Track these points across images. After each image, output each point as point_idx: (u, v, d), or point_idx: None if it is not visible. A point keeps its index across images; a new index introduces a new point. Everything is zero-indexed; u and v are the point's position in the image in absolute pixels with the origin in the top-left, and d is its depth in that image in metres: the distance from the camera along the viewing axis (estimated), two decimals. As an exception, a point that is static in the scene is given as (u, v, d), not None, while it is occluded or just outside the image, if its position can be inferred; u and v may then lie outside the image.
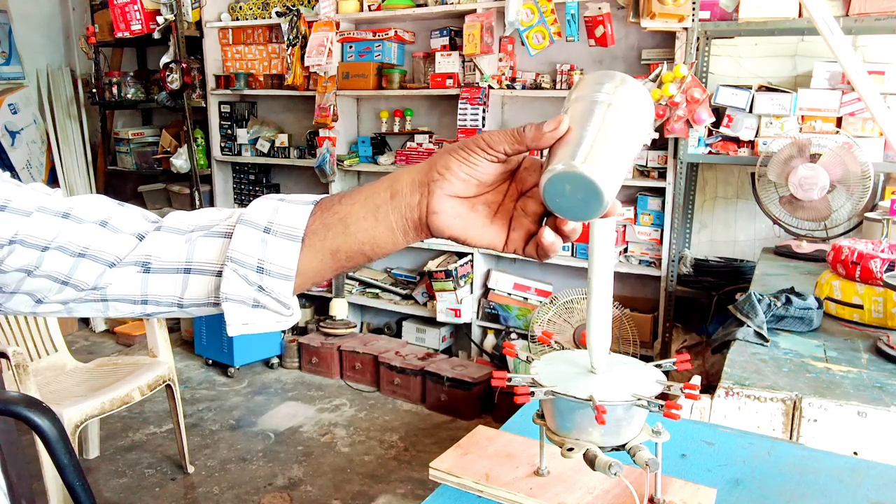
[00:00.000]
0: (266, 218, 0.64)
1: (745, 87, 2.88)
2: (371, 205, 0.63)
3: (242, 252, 0.64)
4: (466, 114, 3.54)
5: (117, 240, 0.68)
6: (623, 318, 3.03)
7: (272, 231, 0.64)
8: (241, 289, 0.64)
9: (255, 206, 0.65)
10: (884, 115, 2.19)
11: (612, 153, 0.57)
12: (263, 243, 0.64)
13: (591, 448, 0.82)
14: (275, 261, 0.63)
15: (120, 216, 0.69)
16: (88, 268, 0.67)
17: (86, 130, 4.85)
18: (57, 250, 0.66)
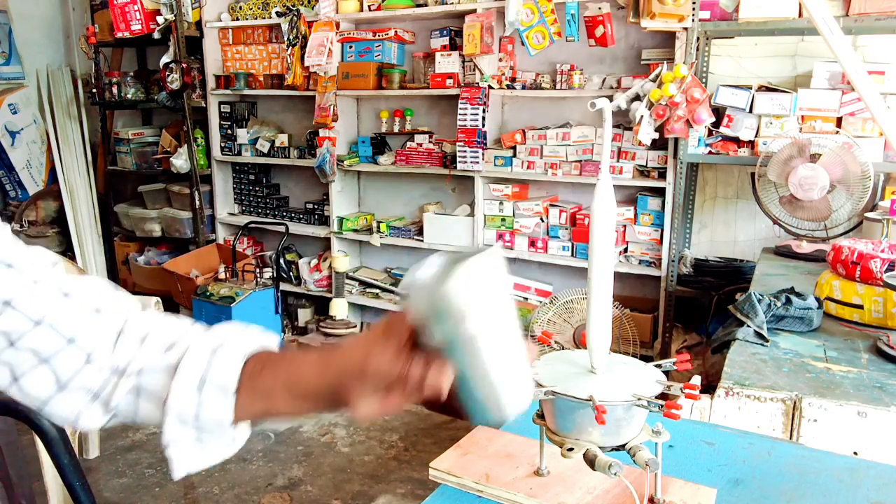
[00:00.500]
0: (192, 412, 0.68)
1: (745, 87, 2.88)
2: (294, 394, 0.67)
3: (179, 406, 0.68)
4: (466, 114, 3.54)
5: (103, 335, 0.71)
6: (623, 318, 3.03)
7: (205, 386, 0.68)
8: (181, 433, 0.69)
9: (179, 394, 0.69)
10: (884, 115, 2.19)
11: (502, 382, 0.57)
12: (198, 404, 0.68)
13: (591, 448, 0.82)
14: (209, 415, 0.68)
15: (110, 306, 0.73)
16: (73, 354, 0.70)
17: (86, 130, 4.84)
18: (50, 327, 0.69)
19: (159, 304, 2.76)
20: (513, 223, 3.63)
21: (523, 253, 3.62)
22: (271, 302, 3.94)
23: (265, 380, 0.67)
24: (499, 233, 3.68)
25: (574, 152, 3.42)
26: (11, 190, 4.81)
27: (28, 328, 0.68)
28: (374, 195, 4.32)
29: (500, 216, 3.66)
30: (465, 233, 3.74)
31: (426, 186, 4.10)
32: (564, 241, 3.53)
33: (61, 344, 0.69)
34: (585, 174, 3.38)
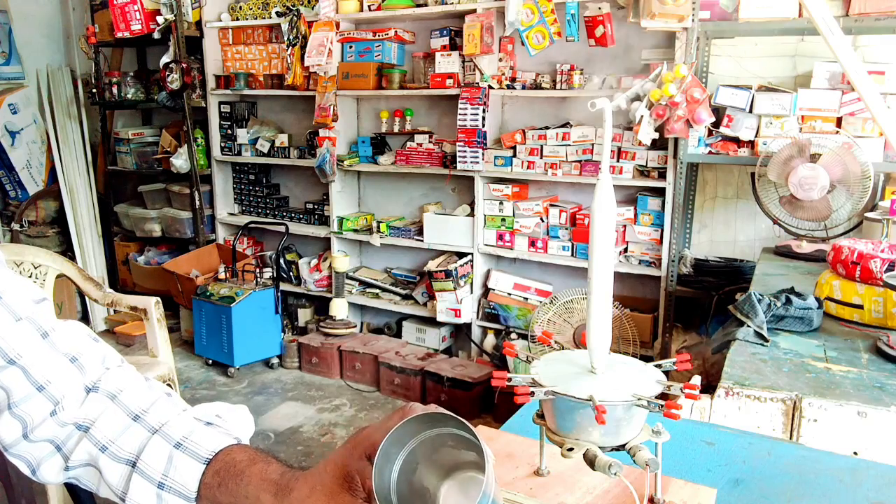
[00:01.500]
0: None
1: (745, 87, 2.88)
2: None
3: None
4: (466, 114, 3.54)
5: (74, 386, 0.71)
6: (623, 318, 3.03)
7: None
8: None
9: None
10: (884, 115, 2.19)
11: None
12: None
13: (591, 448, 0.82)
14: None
15: (88, 356, 0.73)
16: (40, 403, 0.70)
17: (86, 130, 4.84)
18: (22, 370, 0.69)
19: (159, 305, 2.76)
20: (513, 223, 3.63)
21: (523, 253, 3.62)
22: (271, 302, 3.94)
23: (223, 497, 0.66)
24: (499, 233, 3.68)
25: (574, 152, 3.42)
26: (11, 190, 4.81)
27: (1, 366, 0.68)
28: (374, 195, 4.32)
29: (500, 216, 3.66)
30: (465, 233, 3.75)
31: (426, 186, 4.10)
32: (564, 241, 3.53)
33: (30, 390, 0.69)
34: (585, 174, 3.38)
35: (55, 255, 2.76)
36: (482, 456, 0.57)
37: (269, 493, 0.64)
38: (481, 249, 3.73)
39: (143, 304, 2.75)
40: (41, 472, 0.72)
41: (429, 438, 0.62)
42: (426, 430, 0.62)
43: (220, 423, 0.72)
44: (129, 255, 4.88)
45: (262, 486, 0.64)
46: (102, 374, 0.74)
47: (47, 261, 2.70)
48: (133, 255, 4.86)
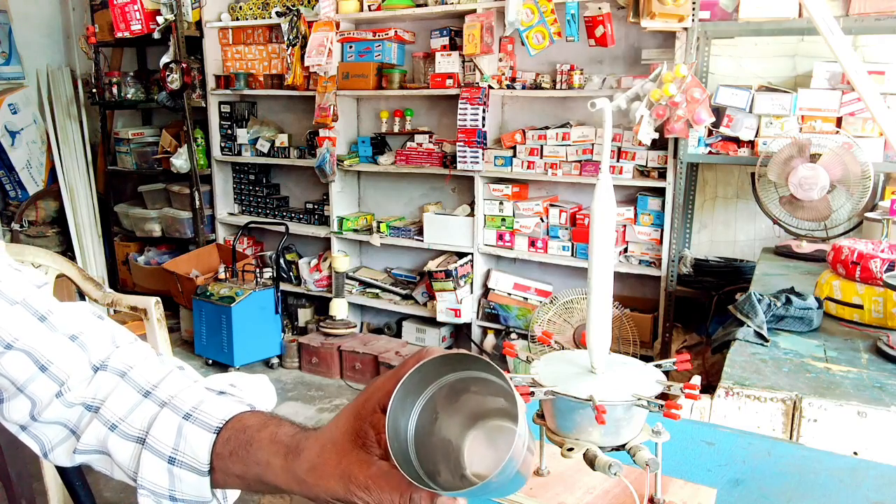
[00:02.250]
0: (166, 486, 0.65)
1: (745, 87, 2.88)
2: (267, 483, 0.62)
3: (153, 482, 0.65)
4: (466, 114, 3.54)
5: (78, 364, 0.69)
6: (623, 318, 3.03)
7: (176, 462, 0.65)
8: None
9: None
10: (884, 115, 2.19)
11: (517, 479, 0.54)
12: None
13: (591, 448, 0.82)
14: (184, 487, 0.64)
15: (91, 334, 0.71)
16: (45, 384, 0.68)
17: (86, 130, 4.84)
18: (23, 352, 0.67)
19: (159, 305, 2.76)
20: (513, 223, 3.63)
21: (523, 253, 3.62)
22: (271, 302, 3.94)
23: (236, 467, 0.63)
24: (499, 233, 3.68)
25: (574, 152, 3.42)
26: (11, 190, 4.81)
27: (30, 375, 0.67)
28: (374, 195, 4.32)
29: (500, 216, 3.66)
30: (465, 233, 3.74)
31: (426, 186, 4.10)
32: (564, 241, 3.53)
33: (33, 371, 0.67)
34: (585, 174, 3.38)
35: (55, 255, 2.76)
36: (512, 401, 0.50)
37: (279, 457, 0.60)
38: (481, 249, 3.73)
39: (143, 304, 2.75)
40: (53, 455, 0.70)
41: (449, 384, 0.56)
42: (446, 375, 0.56)
43: (233, 392, 0.69)
44: (129, 255, 4.88)
45: (272, 449, 0.61)
46: (112, 352, 0.72)
47: (47, 261, 2.69)
48: (133, 255, 4.86)
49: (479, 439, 0.58)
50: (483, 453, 0.57)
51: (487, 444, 0.57)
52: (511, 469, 0.50)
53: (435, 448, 0.56)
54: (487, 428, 0.58)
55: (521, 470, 0.53)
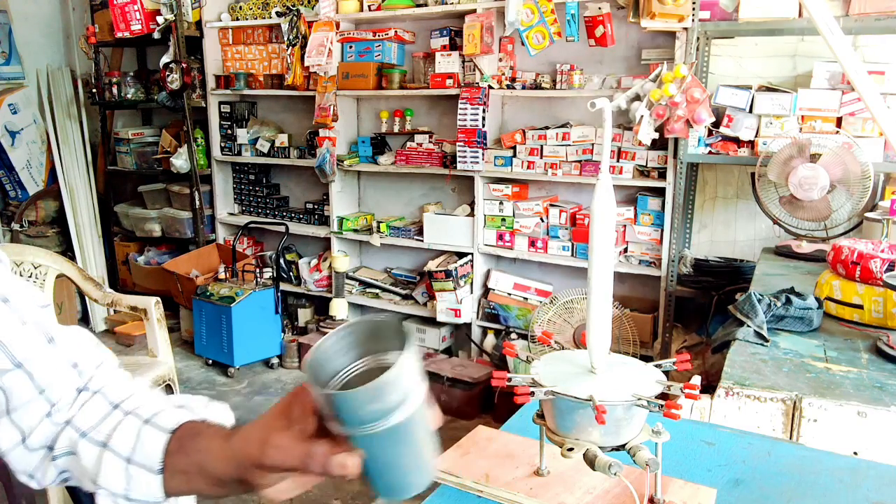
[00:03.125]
0: (122, 486, 0.68)
1: (745, 87, 2.88)
2: (208, 477, 0.66)
3: (111, 482, 0.68)
4: (466, 114, 3.54)
5: (70, 391, 0.73)
6: (623, 318, 3.03)
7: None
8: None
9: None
10: (884, 115, 2.18)
11: (409, 468, 0.60)
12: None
13: (591, 448, 0.82)
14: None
15: (87, 361, 0.74)
16: (38, 406, 0.72)
17: (86, 130, 4.84)
18: (26, 374, 0.70)
19: (159, 305, 2.76)
20: (513, 223, 3.63)
21: (523, 253, 3.62)
22: (271, 302, 3.94)
23: (181, 461, 0.67)
24: (499, 233, 3.68)
25: (574, 152, 3.42)
26: (11, 190, 4.81)
27: (8, 368, 0.69)
28: (374, 195, 4.32)
29: (500, 216, 3.66)
30: (465, 233, 3.75)
31: (426, 186, 4.10)
32: (564, 241, 3.53)
33: (32, 395, 0.71)
34: (585, 174, 3.38)
35: (55, 255, 2.76)
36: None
37: (219, 438, 0.66)
38: (481, 249, 3.73)
39: (143, 304, 2.75)
40: (38, 478, 0.74)
41: (373, 355, 0.62)
42: (374, 345, 0.62)
43: (192, 406, 0.73)
44: (129, 255, 4.88)
45: (214, 435, 0.67)
46: (94, 376, 0.75)
47: (47, 261, 2.70)
48: (133, 255, 4.86)
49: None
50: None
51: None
52: (388, 395, 0.55)
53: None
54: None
55: (411, 425, 0.57)
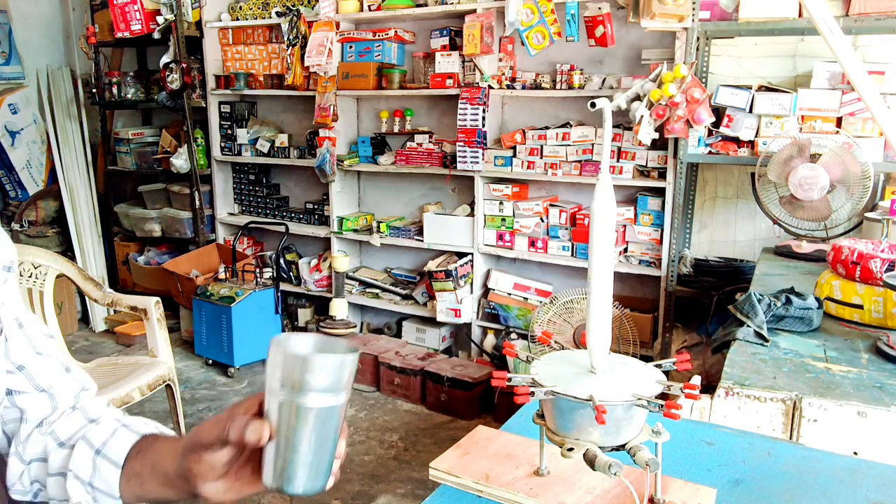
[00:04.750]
0: (88, 473, 0.74)
1: (745, 87, 2.88)
2: (157, 474, 0.72)
3: (79, 467, 0.74)
4: (466, 114, 3.54)
5: (67, 417, 0.81)
6: (623, 318, 3.03)
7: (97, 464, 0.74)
8: (81, 494, 0.74)
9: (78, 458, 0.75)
10: (884, 115, 2.19)
11: (305, 462, 0.64)
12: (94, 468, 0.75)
13: (591, 448, 0.82)
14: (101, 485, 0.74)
15: (61, 387, 0.81)
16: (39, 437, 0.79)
17: (86, 130, 4.84)
18: (48, 396, 0.79)
19: (159, 305, 2.76)
20: (513, 223, 3.63)
21: (523, 253, 3.62)
22: (271, 302, 3.94)
23: (137, 463, 0.72)
24: (499, 233, 3.68)
25: (574, 152, 3.42)
26: (11, 190, 4.81)
27: (29, 391, 0.77)
28: (374, 195, 4.32)
29: (500, 216, 3.66)
30: (465, 233, 3.75)
31: (426, 186, 4.10)
32: (564, 241, 3.53)
33: (46, 413, 0.78)
34: (585, 174, 3.38)
35: (55, 255, 2.76)
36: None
37: (171, 441, 0.73)
38: (481, 249, 3.73)
39: (143, 304, 2.75)
40: (17, 488, 0.78)
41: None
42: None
43: (161, 428, 0.80)
44: (129, 255, 4.88)
45: (168, 440, 0.74)
46: (80, 393, 0.84)
47: (47, 261, 2.70)
48: (133, 255, 4.86)
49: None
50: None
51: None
52: (329, 374, 0.61)
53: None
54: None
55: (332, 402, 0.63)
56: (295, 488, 0.64)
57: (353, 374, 0.64)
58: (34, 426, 0.77)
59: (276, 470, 0.64)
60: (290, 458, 0.63)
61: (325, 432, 0.63)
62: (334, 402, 0.63)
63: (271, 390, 0.63)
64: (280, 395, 0.62)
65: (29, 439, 0.77)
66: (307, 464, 0.64)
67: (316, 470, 0.64)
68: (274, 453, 0.63)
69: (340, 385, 0.62)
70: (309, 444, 0.63)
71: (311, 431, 0.63)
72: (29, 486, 0.77)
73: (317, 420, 0.62)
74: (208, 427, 0.66)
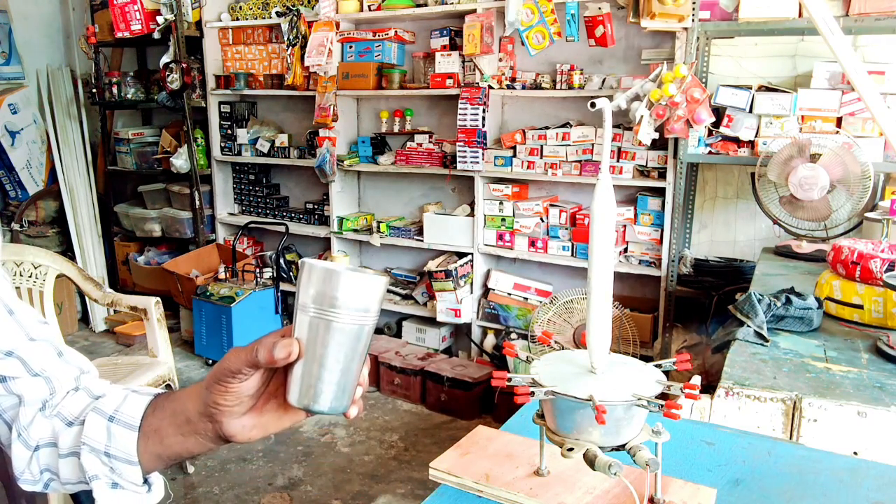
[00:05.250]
0: (103, 442, 0.72)
1: (745, 87, 2.88)
2: (178, 422, 0.70)
3: (93, 438, 0.72)
4: (466, 114, 3.54)
5: (69, 398, 0.78)
6: (623, 318, 3.03)
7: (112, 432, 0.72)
8: (98, 466, 0.72)
9: (91, 426, 0.73)
10: (884, 115, 2.19)
11: (333, 380, 0.65)
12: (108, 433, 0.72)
13: (591, 448, 0.82)
14: (118, 447, 0.72)
15: (56, 370, 0.78)
16: (40, 420, 0.77)
17: (86, 130, 4.84)
18: (43, 378, 0.76)
19: (159, 305, 2.76)
20: (513, 223, 3.63)
21: (523, 253, 3.62)
22: (271, 302, 3.94)
23: (155, 419, 0.71)
24: (499, 233, 3.68)
25: (574, 152, 3.42)
26: (11, 190, 4.81)
27: (23, 375, 0.74)
28: (374, 195, 4.32)
29: (500, 216, 3.66)
30: (465, 233, 3.75)
31: (426, 186, 4.10)
32: (564, 241, 3.53)
33: (45, 395, 0.76)
34: (585, 174, 3.38)
35: (55, 255, 2.76)
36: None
37: (192, 387, 0.71)
38: (481, 249, 3.73)
39: (143, 304, 2.75)
40: (26, 477, 0.76)
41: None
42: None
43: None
44: (129, 255, 4.88)
45: (189, 388, 0.71)
46: (80, 376, 0.81)
47: (47, 261, 2.70)
48: (133, 255, 4.86)
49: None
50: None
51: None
52: (362, 294, 0.63)
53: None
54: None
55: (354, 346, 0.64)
56: (321, 406, 0.65)
57: (381, 298, 0.65)
58: (36, 409, 0.75)
59: (303, 388, 0.64)
60: (319, 375, 0.64)
61: (353, 351, 0.64)
62: (365, 322, 0.64)
63: (303, 306, 0.64)
64: (312, 311, 0.63)
65: (33, 423, 0.75)
66: (335, 381, 0.65)
67: (342, 389, 0.66)
68: (302, 371, 0.64)
69: (371, 305, 0.64)
70: (338, 360, 0.64)
71: (341, 348, 0.64)
72: (39, 474, 0.75)
73: (347, 337, 0.64)
74: (234, 354, 0.65)
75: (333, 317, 0.63)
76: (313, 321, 0.63)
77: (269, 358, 0.63)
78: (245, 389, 0.65)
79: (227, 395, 0.65)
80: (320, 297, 0.63)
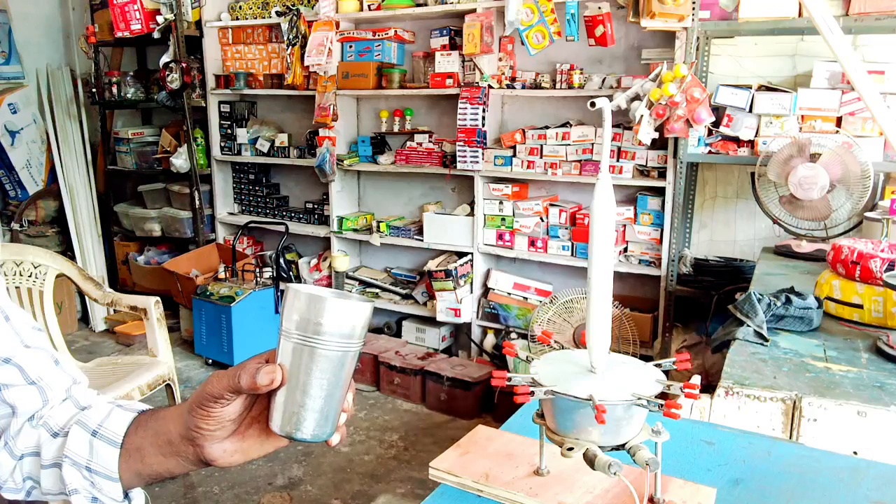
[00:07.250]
0: (85, 457, 0.72)
1: (745, 87, 2.88)
2: (159, 442, 0.69)
3: (75, 452, 0.72)
4: (466, 113, 3.54)
5: (60, 407, 0.78)
6: (623, 318, 3.03)
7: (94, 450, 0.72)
8: (78, 480, 0.72)
9: (73, 441, 0.73)
10: (884, 114, 2.19)
11: (316, 407, 0.64)
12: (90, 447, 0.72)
13: (590, 447, 0.82)
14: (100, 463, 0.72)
15: (51, 379, 0.78)
16: (29, 431, 0.77)
17: (86, 130, 4.84)
18: (38, 390, 0.76)
19: (159, 304, 2.76)
20: (513, 223, 3.63)
21: (523, 252, 3.62)
22: (271, 302, 3.94)
23: (137, 437, 0.71)
24: (499, 232, 3.68)
25: (574, 152, 3.42)
26: (11, 190, 4.80)
27: (19, 383, 0.74)
28: (373, 195, 4.32)
29: (500, 216, 3.66)
30: (465, 232, 3.74)
31: (426, 186, 4.10)
32: (564, 241, 3.53)
33: (37, 406, 0.76)
34: (585, 174, 3.38)
35: (55, 254, 2.76)
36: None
37: (175, 408, 0.71)
38: (481, 249, 3.73)
39: (142, 303, 2.75)
40: (8, 485, 0.77)
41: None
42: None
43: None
44: (129, 254, 4.88)
45: (172, 408, 0.72)
46: (72, 386, 0.81)
47: (47, 261, 2.70)
48: (133, 254, 4.86)
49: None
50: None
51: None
52: (345, 320, 0.63)
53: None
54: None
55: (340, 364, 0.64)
56: (304, 434, 0.64)
57: (366, 324, 0.65)
58: (25, 420, 0.75)
59: (286, 415, 0.64)
60: (302, 403, 0.63)
61: (337, 378, 0.64)
62: (349, 348, 0.64)
63: (287, 333, 0.63)
64: (295, 337, 0.63)
65: (20, 433, 0.75)
66: (318, 409, 0.64)
67: (325, 417, 0.65)
68: (285, 398, 0.64)
69: (355, 332, 0.63)
70: (321, 387, 0.63)
71: (325, 375, 0.63)
72: (21, 483, 0.75)
73: (331, 364, 0.63)
74: (216, 378, 0.64)
75: (318, 343, 0.62)
76: (297, 347, 0.63)
77: (251, 384, 0.62)
78: (227, 414, 0.65)
79: (209, 420, 0.65)
80: (304, 324, 0.62)
